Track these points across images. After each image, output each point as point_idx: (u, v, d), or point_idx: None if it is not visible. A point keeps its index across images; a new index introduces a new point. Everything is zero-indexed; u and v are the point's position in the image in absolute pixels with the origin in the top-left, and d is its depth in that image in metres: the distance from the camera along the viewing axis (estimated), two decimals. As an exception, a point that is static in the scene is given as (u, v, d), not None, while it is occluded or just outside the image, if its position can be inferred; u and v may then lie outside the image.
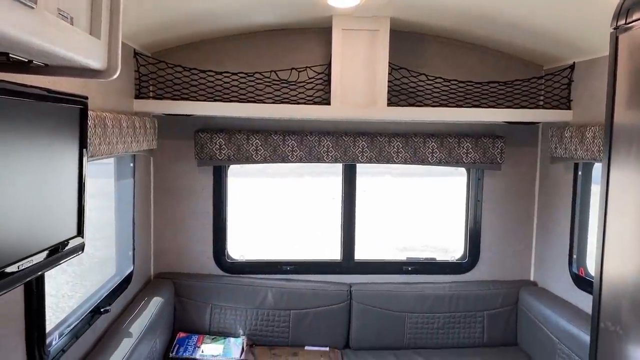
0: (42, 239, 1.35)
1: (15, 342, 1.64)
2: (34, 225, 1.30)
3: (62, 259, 1.45)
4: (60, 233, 1.45)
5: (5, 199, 1.14)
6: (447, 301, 3.38)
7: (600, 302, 1.39)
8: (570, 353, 2.77)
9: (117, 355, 2.20)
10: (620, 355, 1.33)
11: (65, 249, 1.46)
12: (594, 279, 1.40)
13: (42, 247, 1.33)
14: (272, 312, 3.32)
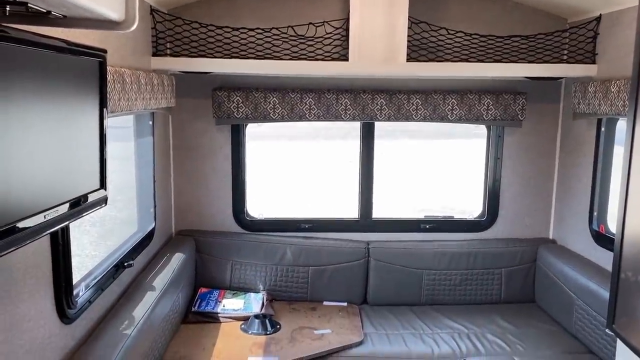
0: (67, 191, 1.37)
1: (44, 292, 1.70)
2: (58, 177, 1.33)
3: (87, 210, 1.48)
4: (84, 186, 1.48)
5: (29, 151, 1.15)
6: (465, 259, 3.39)
7: (621, 252, 1.38)
8: (588, 309, 2.78)
9: (141, 308, 2.26)
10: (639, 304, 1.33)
11: (89, 201, 1.49)
12: (616, 229, 1.39)
13: (67, 199, 1.35)
14: (291, 268, 3.37)
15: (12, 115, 1.07)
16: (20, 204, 1.13)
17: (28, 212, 1.16)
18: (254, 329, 2.95)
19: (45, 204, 1.23)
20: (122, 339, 1.98)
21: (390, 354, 2.80)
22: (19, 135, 1.11)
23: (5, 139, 1.04)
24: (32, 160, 1.17)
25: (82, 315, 1.95)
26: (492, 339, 2.94)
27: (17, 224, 1.11)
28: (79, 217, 1.44)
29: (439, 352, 2.82)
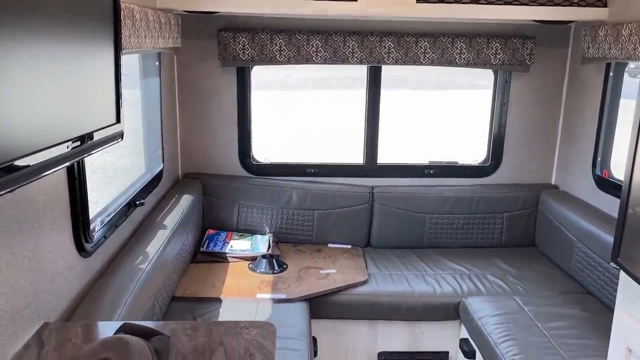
0: (85, 125, 1.39)
1: (62, 225, 1.74)
2: (76, 110, 1.34)
3: (104, 144, 1.50)
4: (100, 120, 1.49)
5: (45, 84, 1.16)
6: (468, 203, 3.45)
7: (630, 187, 1.41)
8: (588, 251, 2.85)
9: (153, 245, 2.32)
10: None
11: (106, 135, 1.51)
12: (626, 164, 1.41)
13: (85, 132, 1.37)
14: (297, 211, 3.43)
15: (24, 52, 1.07)
16: (42, 134, 1.15)
17: (47, 143, 1.17)
18: (261, 268, 3.03)
19: (63, 136, 1.25)
20: (137, 273, 2.03)
21: (393, 292, 2.89)
22: (32, 71, 1.10)
23: (18, 75, 1.04)
24: (46, 95, 1.18)
25: (98, 250, 2.00)
26: (493, 279, 3.03)
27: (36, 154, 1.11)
28: (96, 150, 1.45)
29: (440, 291, 2.91)
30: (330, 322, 2.85)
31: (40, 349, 1.43)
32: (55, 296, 1.65)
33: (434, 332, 2.90)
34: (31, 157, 1.09)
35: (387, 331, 2.89)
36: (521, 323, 2.54)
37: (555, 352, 2.31)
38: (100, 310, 1.74)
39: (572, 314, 2.63)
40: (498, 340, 2.43)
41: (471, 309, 2.72)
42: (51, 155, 1.17)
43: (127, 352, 1.23)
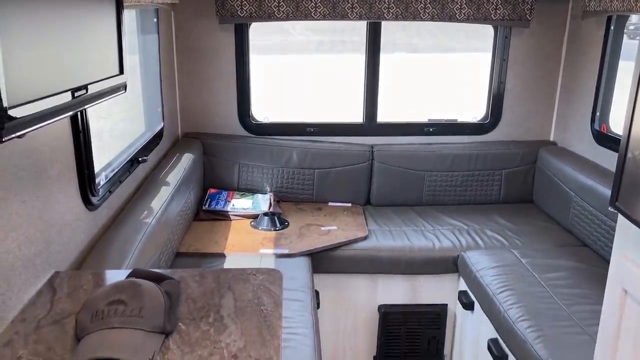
0: (89, 75, 1.40)
1: (69, 178, 1.76)
2: (80, 60, 1.34)
3: (108, 94, 1.51)
4: (104, 71, 1.50)
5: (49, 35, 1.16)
6: (467, 160, 3.47)
7: (630, 131, 1.43)
8: (585, 204, 2.89)
9: (157, 201, 2.34)
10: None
11: (110, 86, 1.51)
12: (627, 106, 1.43)
13: (89, 81, 1.38)
14: (297, 170, 3.45)
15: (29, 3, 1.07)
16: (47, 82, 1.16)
17: (52, 91, 1.17)
18: (263, 225, 3.07)
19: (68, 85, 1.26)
20: (143, 227, 2.07)
21: (393, 247, 2.94)
22: (37, 23, 1.11)
23: (25, 24, 1.04)
24: (51, 46, 1.18)
25: (104, 204, 2.03)
26: (491, 234, 3.08)
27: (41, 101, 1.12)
28: (101, 100, 1.46)
29: (439, 246, 2.96)
30: (331, 276, 2.91)
31: (53, 295, 1.46)
32: (64, 247, 1.68)
33: (433, 285, 2.96)
34: (38, 103, 1.10)
35: (387, 285, 2.95)
36: (519, 274, 2.60)
37: (551, 300, 2.37)
38: (108, 261, 1.77)
39: (569, 265, 2.69)
40: (496, 290, 2.48)
41: (470, 262, 2.78)
42: (56, 102, 1.18)
43: (139, 294, 1.26)
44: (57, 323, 1.32)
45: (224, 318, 1.36)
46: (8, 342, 1.25)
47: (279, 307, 1.42)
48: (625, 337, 1.53)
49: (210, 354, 1.22)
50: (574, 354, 2.00)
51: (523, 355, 2.13)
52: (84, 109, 1.40)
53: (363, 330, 2.99)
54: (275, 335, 1.30)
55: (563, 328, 2.17)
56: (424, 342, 3.00)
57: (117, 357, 1.12)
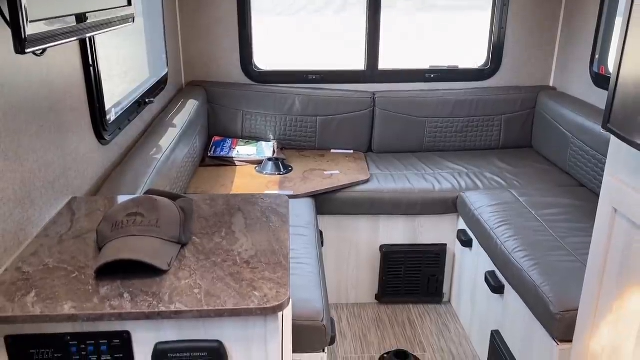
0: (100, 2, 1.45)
1: (81, 111, 1.82)
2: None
3: (117, 24, 1.56)
4: (113, 1, 1.54)
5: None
6: (467, 106, 3.52)
7: (623, 52, 1.48)
8: (582, 145, 2.96)
9: (165, 140, 2.41)
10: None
11: (119, 15, 1.57)
12: (621, 28, 1.48)
13: (99, 8, 1.43)
14: (300, 118, 3.51)
15: None
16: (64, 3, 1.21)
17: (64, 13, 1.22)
18: (268, 170, 3.15)
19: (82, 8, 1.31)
20: (153, 162, 2.14)
21: (394, 189, 3.02)
22: None
23: None
24: None
25: (114, 141, 2.10)
26: (490, 176, 3.15)
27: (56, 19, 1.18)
28: (108, 29, 1.51)
29: (440, 188, 3.04)
30: (334, 217, 3.00)
31: (72, 215, 1.55)
32: (80, 175, 1.76)
33: (433, 226, 3.06)
34: (52, 21, 1.16)
35: (389, 225, 3.05)
36: (516, 211, 2.68)
37: (547, 233, 2.46)
38: (121, 191, 1.85)
39: (565, 202, 2.77)
40: (494, 225, 2.57)
41: (468, 202, 2.86)
42: (70, 23, 1.24)
43: (156, 207, 1.34)
44: (78, 238, 1.41)
45: (235, 233, 1.45)
46: (35, 252, 1.33)
47: (286, 224, 1.51)
48: (614, 253, 1.62)
49: (224, 261, 1.31)
50: (566, 280, 2.10)
51: (518, 283, 2.23)
52: (95, 34, 1.46)
53: (365, 269, 3.11)
54: (284, 246, 1.38)
55: (557, 257, 2.26)
56: (424, 280, 3.11)
57: (138, 259, 1.21)
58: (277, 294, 1.18)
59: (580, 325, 1.79)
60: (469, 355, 2.77)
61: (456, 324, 3.01)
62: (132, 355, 1.17)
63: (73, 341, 1.15)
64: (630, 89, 1.47)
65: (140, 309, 1.12)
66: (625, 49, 1.50)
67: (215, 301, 1.15)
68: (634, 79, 1.45)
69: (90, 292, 1.17)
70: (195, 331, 1.18)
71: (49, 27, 1.15)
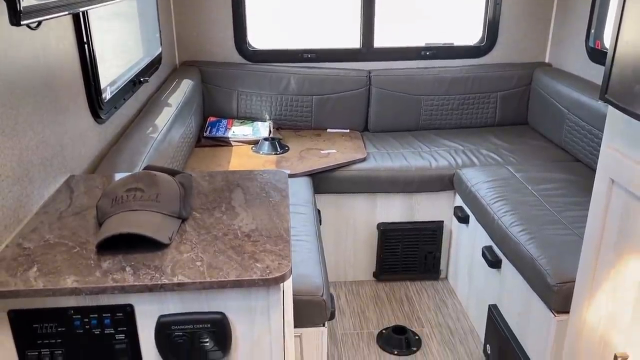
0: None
1: (77, 89, 1.81)
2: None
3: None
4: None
5: None
6: (463, 83, 3.51)
7: (621, 22, 1.48)
8: (578, 120, 2.96)
9: (161, 119, 2.40)
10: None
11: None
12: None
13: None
14: (295, 97, 3.49)
15: None
16: None
17: None
18: (264, 150, 3.14)
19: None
20: (150, 140, 2.13)
21: (391, 167, 3.02)
22: None
23: None
24: None
25: (110, 120, 2.09)
26: (486, 153, 3.16)
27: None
28: (104, 3, 1.49)
29: (436, 165, 3.04)
30: (332, 196, 3.01)
31: (71, 193, 1.54)
32: (77, 153, 1.75)
33: (430, 203, 3.07)
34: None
35: (386, 203, 3.06)
36: (512, 187, 2.69)
37: (543, 208, 2.48)
38: (119, 169, 1.85)
39: (561, 177, 2.78)
40: (490, 201, 2.59)
41: (465, 178, 2.87)
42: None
43: (155, 182, 1.34)
44: (78, 214, 1.41)
45: (235, 207, 1.45)
46: (34, 229, 1.33)
47: (285, 198, 1.51)
48: (611, 223, 1.64)
49: (225, 234, 1.31)
50: (563, 252, 2.11)
51: (515, 257, 2.25)
52: (90, 8, 1.44)
53: (363, 247, 3.12)
54: (285, 219, 1.38)
55: (553, 231, 2.28)
56: (421, 257, 3.14)
57: (140, 232, 1.21)
58: (279, 265, 1.18)
59: (577, 296, 1.82)
60: (467, 330, 2.80)
61: (453, 300, 3.04)
62: (135, 328, 1.18)
63: (76, 315, 1.16)
64: (629, 58, 1.47)
65: (143, 282, 1.13)
66: (623, 19, 1.49)
67: (217, 273, 1.16)
68: (632, 48, 1.45)
69: (92, 266, 1.17)
70: (198, 303, 1.18)
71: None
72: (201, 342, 1.19)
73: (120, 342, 1.19)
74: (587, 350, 1.78)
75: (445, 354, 2.65)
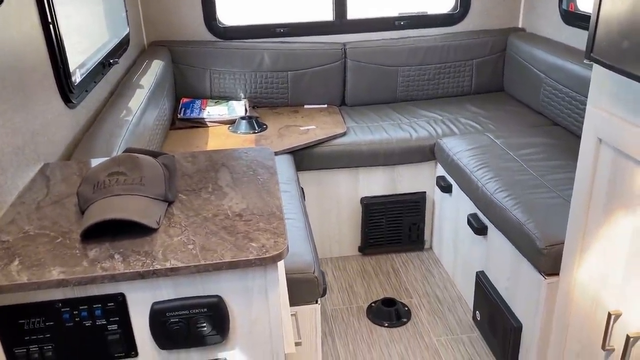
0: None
1: (45, 72, 1.71)
2: None
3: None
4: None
5: None
6: (438, 52, 3.48)
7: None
8: (555, 84, 2.97)
9: (135, 101, 2.31)
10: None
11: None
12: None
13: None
14: (270, 74, 3.41)
15: None
16: None
17: None
18: (241, 129, 3.07)
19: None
20: (125, 124, 2.05)
21: (372, 140, 2.99)
22: None
23: None
24: None
25: (82, 104, 1.99)
26: (465, 121, 3.15)
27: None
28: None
29: (417, 136, 3.02)
30: (314, 172, 2.97)
31: (47, 181, 1.47)
32: (50, 139, 1.67)
33: (412, 174, 3.06)
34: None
35: (368, 177, 3.03)
36: (494, 153, 2.69)
37: (526, 172, 2.48)
38: (95, 154, 1.77)
39: (541, 142, 2.79)
40: (473, 169, 2.58)
41: (446, 147, 2.86)
42: None
43: (138, 165, 1.28)
44: (57, 203, 1.34)
45: (222, 187, 1.39)
46: (12, 220, 1.26)
47: (274, 175, 1.46)
48: (600, 182, 1.64)
49: (215, 215, 1.26)
50: (550, 216, 2.12)
51: (502, 222, 2.26)
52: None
53: (347, 222, 3.10)
54: (276, 197, 1.34)
55: (539, 195, 2.29)
56: (405, 229, 3.13)
57: (126, 218, 1.15)
58: (275, 244, 1.14)
59: (567, 258, 1.83)
60: (455, 298, 2.82)
61: (439, 269, 3.05)
62: (128, 317, 1.13)
63: (65, 307, 1.10)
64: (614, 14, 1.45)
65: (134, 269, 1.07)
66: (607, -25, 1.47)
67: (212, 255, 1.11)
68: (617, 4, 1.43)
69: (78, 256, 1.11)
70: (193, 288, 1.14)
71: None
72: (198, 327, 1.15)
73: (113, 333, 1.14)
74: (579, 310, 1.80)
75: (435, 322, 2.66)
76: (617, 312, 1.58)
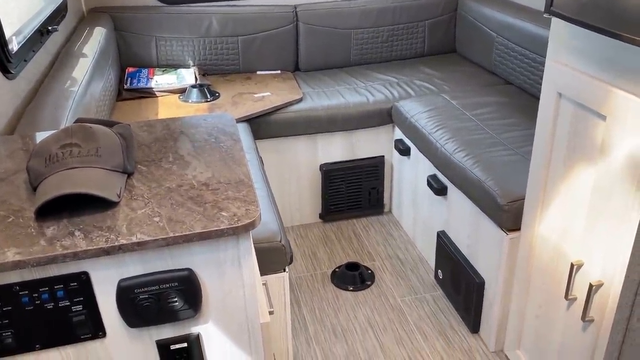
0: None
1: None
2: None
3: None
4: None
5: None
6: (390, 14, 3.44)
7: None
8: (507, 42, 3.00)
9: (79, 71, 2.17)
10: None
11: None
12: None
13: None
14: (220, 39, 3.29)
15: None
16: None
17: None
18: (193, 98, 2.96)
19: None
20: (71, 94, 1.92)
21: (329, 106, 2.94)
22: None
23: None
24: None
25: (22, 74, 1.85)
26: (420, 83, 3.15)
27: None
28: None
29: (374, 99, 3.00)
30: (272, 141, 2.91)
31: (-10, 158, 1.35)
32: (-12, 114, 1.54)
33: (370, 139, 3.04)
34: None
35: (326, 144, 3.00)
36: (450, 114, 2.71)
37: (483, 131, 2.51)
38: (42, 127, 1.65)
39: (496, 101, 2.83)
40: (431, 130, 2.59)
41: (403, 110, 2.85)
42: None
43: (92, 136, 1.19)
44: (3, 180, 1.24)
45: (184, 156, 1.33)
46: (-46, 203, 1.15)
47: (238, 142, 1.40)
48: (560, 136, 1.66)
49: (179, 185, 1.19)
50: (509, 172, 2.16)
51: (462, 182, 2.28)
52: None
53: (307, 190, 3.07)
54: (242, 163, 1.29)
55: (496, 152, 2.32)
56: (365, 194, 3.14)
57: (85, 191, 1.07)
58: (247, 212, 1.10)
59: (528, 212, 1.86)
60: (416, 259, 2.86)
61: (400, 231, 3.08)
62: (93, 297, 1.07)
63: (23, 291, 1.02)
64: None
65: (98, 245, 1.00)
66: None
67: (180, 227, 1.05)
68: (577, -44, 1.43)
69: (34, 235, 1.03)
70: (162, 262, 1.08)
71: None
72: (169, 302, 1.09)
73: (78, 314, 1.07)
74: (541, 263, 1.85)
75: (399, 283, 2.70)
76: (579, 262, 1.63)
